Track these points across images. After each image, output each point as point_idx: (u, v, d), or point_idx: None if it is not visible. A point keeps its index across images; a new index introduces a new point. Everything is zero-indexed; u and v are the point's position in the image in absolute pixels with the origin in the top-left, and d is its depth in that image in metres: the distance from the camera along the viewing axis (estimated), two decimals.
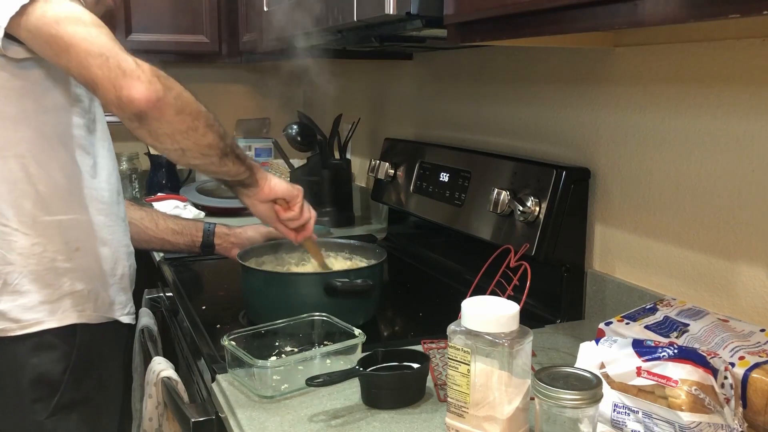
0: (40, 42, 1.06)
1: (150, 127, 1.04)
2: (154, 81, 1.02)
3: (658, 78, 1.18)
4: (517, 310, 0.83)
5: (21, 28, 1.05)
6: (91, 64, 1.01)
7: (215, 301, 1.52)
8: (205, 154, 1.13)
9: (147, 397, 1.31)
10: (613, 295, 1.28)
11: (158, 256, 1.80)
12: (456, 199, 1.57)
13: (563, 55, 1.40)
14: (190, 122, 1.07)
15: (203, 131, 1.10)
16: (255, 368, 1.00)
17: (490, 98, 1.67)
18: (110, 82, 1.01)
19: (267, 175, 1.27)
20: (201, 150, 1.12)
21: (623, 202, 1.27)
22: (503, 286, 1.02)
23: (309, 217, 1.33)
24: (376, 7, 1.10)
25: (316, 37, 1.52)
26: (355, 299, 1.26)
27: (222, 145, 1.14)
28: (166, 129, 1.05)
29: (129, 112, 1.02)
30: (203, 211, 2.29)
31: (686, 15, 0.71)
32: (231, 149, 1.17)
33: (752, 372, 0.84)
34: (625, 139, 1.26)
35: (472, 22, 1.04)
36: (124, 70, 1.01)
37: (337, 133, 2.24)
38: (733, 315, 1.04)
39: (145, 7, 2.50)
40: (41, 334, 1.20)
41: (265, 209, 1.28)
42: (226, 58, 2.65)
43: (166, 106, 1.03)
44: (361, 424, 0.93)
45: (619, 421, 0.83)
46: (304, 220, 1.32)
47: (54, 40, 1.04)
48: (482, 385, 0.83)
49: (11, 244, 1.17)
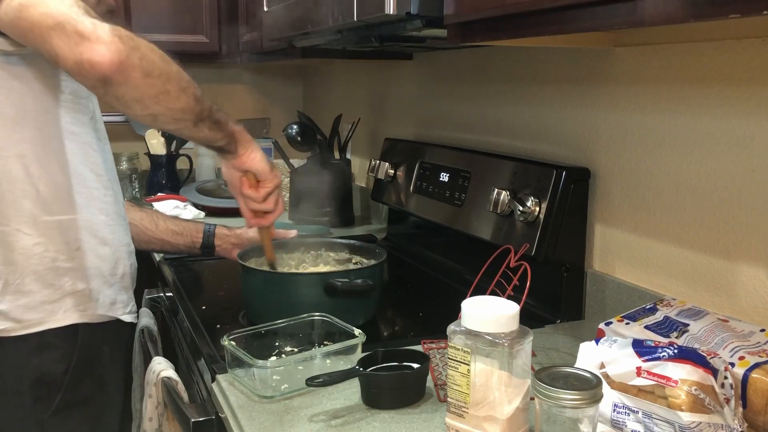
0: (17, 32, 1.02)
1: (116, 92, 0.98)
2: (115, 41, 0.95)
3: (658, 78, 1.18)
4: (517, 310, 0.83)
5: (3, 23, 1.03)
6: (51, 36, 0.96)
7: (215, 301, 1.52)
8: (179, 119, 1.07)
9: (147, 397, 1.31)
10: (613, 295, 1.28)
11: (158, 257, 1.80)
12: (456, 199, 1.57)
13: (563, 55, 1.40)
14: (160, 86, 1.01)
15: (176, 95, 1.04)
16: (255, 368, 1.00)
17: (490, 98, 1.67)
18: (69, 49, 0.95)
19: (252, 147, 1.21)
20: (174, 115, 1.06)
21: (623, 202, 1.27)
22: (503, 286, 1.02)
23: (272, 208, 1.28)
24: (376, 7, 1.10)
25: (316, 37, 1.52)
26: (355, 299, 1.26)
27: (198, 109, 1.08)
28: (134, 94, 1.00)
29: (92, 78, 0.96)
30: (203, 211, 2.29)
31: (686, 15, 0.71)
32: (208, 113, 1.11)
33: (752, 372, 0.84)
34: (625, 139, 1.26)
35: (472, 22, 1.04)
36: (81, 33, 0.94)
37: (337, 133, 2.24)
38: (733, 315, 1.04)
39: (145, 7, 2.50)
40: (43, 333, 1.19)
41: (233, 175, 1.24)
42: (226, 58, 2.65)
43: (131, 68, 0.96)
44: (361, 424, 0.93)
45: (619, 421, 0.84)
46: (266, 207, 1.27)
47: (21, 23, 0.99)
48: (482, 385, 0.83)
49: (12, 244, 1.17)
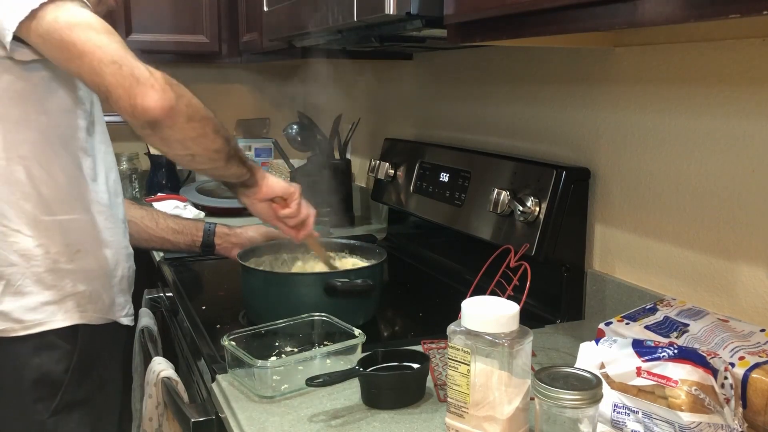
0: (51, 47, 1.06)
1: (162, 134, 1.06)
2: (167, 89, 1.03)
3: (658, 78, 1.18)
4: (517, 310, 0.83)
5: (31, 32, 1.06)
6: (105, 72, 1.02)
7: (215, 301, 1.52)
8: (213, 158, 1.14)
9: (147, 397, 1.31)
10: (613, 295, 1.28)
11: (158, 256, 1.80)
12: (456, 199, 1.57)
13: (563, 55, 1.40)
14: (200, 129, 1.09)
15: (212, 137, 1.12)
16: (255, 368, 1.00)
17: (490, 98, 1.67)
18: (124, 90, 1.01)
19: (265, 175, 1.28)
20: (209, 155, 1.14)
21: (623, 202, 1.27)
22: (503, 286, 1.02)
23: (308, 214, 1.33)
24: (376, 7, 1.10)
25: (316, 37, 1.52)
26: (355, 299, 1.26)
27: (227, 148, 1.16)
28: (178, 136, 1.07)
29: (142, 120, 1.03)
30: (203, 211, 2.29)
31: (686, 15, 0.71)
32: (235, 152, 1.18)
33: (752, 372, 0.84)
34: (625, 139, 1.26)
35: (472, 22, 1.04)
36: (137, 78, 1.01)
37: (337, 133, 2.24)
38: (733, 315, 1.04)
39: (145, 7, 2.50)
40: (43, 334, 1.20)
41: (263, 208, 1.30)
42: (226, 58, 2.65)
43: (178, 114, 1.04)
44: (361, 424, 0.93)
45: (619, 421, 0.83)
46: (303, 216, 1.32)
47: (67, 46, 1.04)
48: (482, 385, 0.83)
49: (13, 246, 1.17)
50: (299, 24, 1.49)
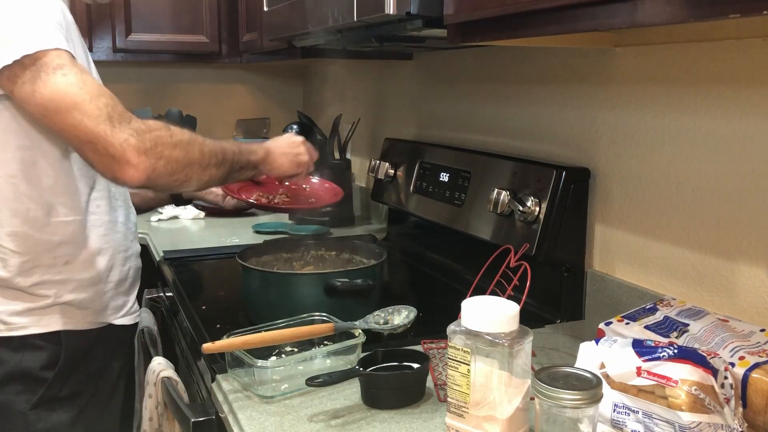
0: (35, 110, 1.09)
1: (149, 189, 1.16)
2: (142, 160, 1.06)
3: (658, 78, 1.18)
4: (517, 310, 0.83)
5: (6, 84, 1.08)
6: (85, 150, 1.08)
7: (215, 301, 1.52)
8: (206, 185, 1.23)
9: (147, 397, 1.31)
10: (613, 295, 1.28)
11: (158, 256, 1.80)
12: (456, 199, 1.57)
13: (563, 55, 1.40)
14: (183, 176, 1.13)
15: (198, 174, 1.16)
16: (255, 368, 1.00)
17: (490, 98, 1.67)
18: (104, 167, 1.07)
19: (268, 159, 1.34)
20: (201, 186, 1.21)
21: (623, 202, 1.27)
22: (503, 286, 1.02)
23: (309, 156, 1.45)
24: (376, 7, 1.10)
25: (316, 37, 1.52)
26: (355, 299, 1.26)
27: (221, 172, 1.20)
28: (163, 186, 1.14)
29: (127, 187, 1.14)
30: (203, 211, 2.29)
31: (686, 15, 0.71)
32: (230, 166, 1.23)
33: (752, 372, 0.84)
34: (625, 139, 1.26)
35: (472, 22, 1.04)
36: (112, 156, 1.05)
37: (337, 133, 2.24)
38: (733, 315, 1.04)
39: (145, 7, 2.50)
40: (27, 336, 1.22)
41: None
42: (226, 58, 2.65)
43: (158, 176, 1.09)
44: (361, 424, 0.93)
45: (619, 421, 0.84)
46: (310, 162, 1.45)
47: (45, 121, 1.09)
48: (482, 385, 0.83)
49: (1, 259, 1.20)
50: (299, 24, 1.49)
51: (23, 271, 1.20)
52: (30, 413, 1.23)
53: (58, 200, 1.21)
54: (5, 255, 1.19)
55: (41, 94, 1.05)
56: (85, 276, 1.26)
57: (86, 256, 1.26)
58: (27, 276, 1.21)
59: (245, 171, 1.27)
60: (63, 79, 1.06)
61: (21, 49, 1.05)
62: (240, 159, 1.24)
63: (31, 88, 1.06)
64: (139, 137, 1.06)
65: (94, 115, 1.05)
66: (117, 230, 1.32)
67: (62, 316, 1.24)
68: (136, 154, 1.05)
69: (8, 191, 1.17)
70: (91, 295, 1.27)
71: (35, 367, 1.22)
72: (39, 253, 1.21)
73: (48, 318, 1.23)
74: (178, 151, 1.11)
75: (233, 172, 1.23)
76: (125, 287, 1.35)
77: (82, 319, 1.26)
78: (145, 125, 1.09)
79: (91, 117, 1.05)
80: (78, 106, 1.05)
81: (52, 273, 1.22)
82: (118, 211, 1.34)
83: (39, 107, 1.07)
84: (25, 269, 1.20)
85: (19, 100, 1.09)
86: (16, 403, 1.22)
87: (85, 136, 1.05)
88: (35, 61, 1.05)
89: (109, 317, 1.31)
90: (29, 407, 1.23)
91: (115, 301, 1.32)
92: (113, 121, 1.05)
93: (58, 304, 1.23)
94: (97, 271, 1.28)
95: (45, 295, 1.22)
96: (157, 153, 1.08)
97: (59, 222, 1.22)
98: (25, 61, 1.05)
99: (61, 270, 1.23)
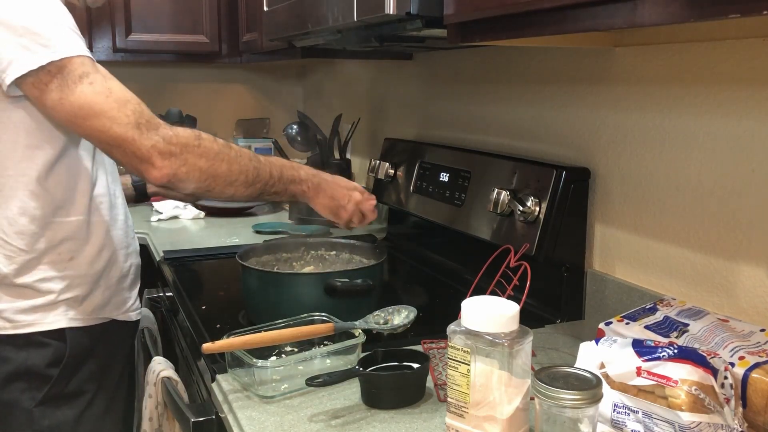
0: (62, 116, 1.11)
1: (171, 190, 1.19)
2: (166, 164, 1.11)
3: (658, 78, 1.18)
4: (517, 310, 0.83)
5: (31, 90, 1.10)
6: (113, 152, 1.12)
7: (215, 301, 1.52)
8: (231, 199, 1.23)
9: (147, 397, 1.31)
10: (613, 295, 1.28)
11: (158, 256, 1.80)
12: (456, 199, 1.57)
13: (563, 55, 1.40)
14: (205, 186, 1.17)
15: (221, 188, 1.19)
16: (255, 368, 1.00)
17: (490, 98, 1.67)
18: (132, 167, 1.13)
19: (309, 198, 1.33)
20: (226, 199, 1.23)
21: (623, 202, 1.27)
22: (503, 286, 1.02)
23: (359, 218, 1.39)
24: (376, 7, 1.10)
25: (316, 36, 1.52)
26: (355, 299, 1.26)
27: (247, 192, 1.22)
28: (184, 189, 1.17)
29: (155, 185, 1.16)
30: (203, 211, 2.29)
31: (686, 15, 0.71)
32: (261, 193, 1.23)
33: (752, 372, 0.84)
34: (625, 139, 1.26)
35: (472, 22, 1.04)
36: (139, 158, 1.10)
37: (337, 133, 2.24)
38: (733, 315, 1.04)
39: (145, 7, 2.50)
40: (31, 334, 1.23)
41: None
42: (226, 58, 2.65)
43: (178, 181, 1.13)
44: (361, 424, 0.93)
45: (619, 421, 0.84)
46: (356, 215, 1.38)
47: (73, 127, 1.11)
48: (482, 385, 0.83)
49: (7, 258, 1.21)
50: (299, 24, 1.49)
51: (29, 268, 1.22)
52: (35, 410, 1.24)
53: (65, 199, 1.23)
54: (12, 253, 1.20)
55: (69, 102, 1.08)
56: (89, 272, 1.28)
57: (90, 252, 1.28)
58: (33, 272, 1.22)
59: (280, 196, 1.28)
60: (90, 88, 1.09)
61: (47, 55, 1.07)
62: (276, 185, 1.25)
63: (58, 96, 1.08)
64: (165, 143, 1.11)
65: (123, 122, 1.09)
66: (118, 227, 1.34)
67: (67, 312, 1.25)
68: (160, 158, 1.10)
69: (18, 190, 1.19)
70: (94, 290, 1.29)
71: (40, 364, 1.23)
72: (45, 251, 1.22)
73: (53, 315, 1.24)
74: (204, 161, 1.14)
75: (264, 195, 1.25)
76: (127, 284, 1.37)
77: (84, 316, 1.27)
78: (173, 131, 1.13)
79: (120, 124, 1.09)
80: (106, 114, 1.08)
81: (57, 269, 1.24)
82: (119, 209, 1.35)
83: (67, 114, 1.09)
84: (31, 266, 1.22)
85: (45, 106, 1.11)
86: (21, 401, 1.23)
87: (113, 141, 1.09)
88: (61, 69, 1.08)
89: (111, 313, 1.32)
90: (34, 404, 1.23)
91: (117, 297, 1.34)
92: (141, 128, 1.09)
93: (63, 300, 1.24)
94: (100, 267, 1.29)
95: (50, 291, 1.23)
96: (181, 159, 1.12)
97: (65, 220, 1.23)
98: (50, 68, 1.07)
99: (66, 266, 1.25)
